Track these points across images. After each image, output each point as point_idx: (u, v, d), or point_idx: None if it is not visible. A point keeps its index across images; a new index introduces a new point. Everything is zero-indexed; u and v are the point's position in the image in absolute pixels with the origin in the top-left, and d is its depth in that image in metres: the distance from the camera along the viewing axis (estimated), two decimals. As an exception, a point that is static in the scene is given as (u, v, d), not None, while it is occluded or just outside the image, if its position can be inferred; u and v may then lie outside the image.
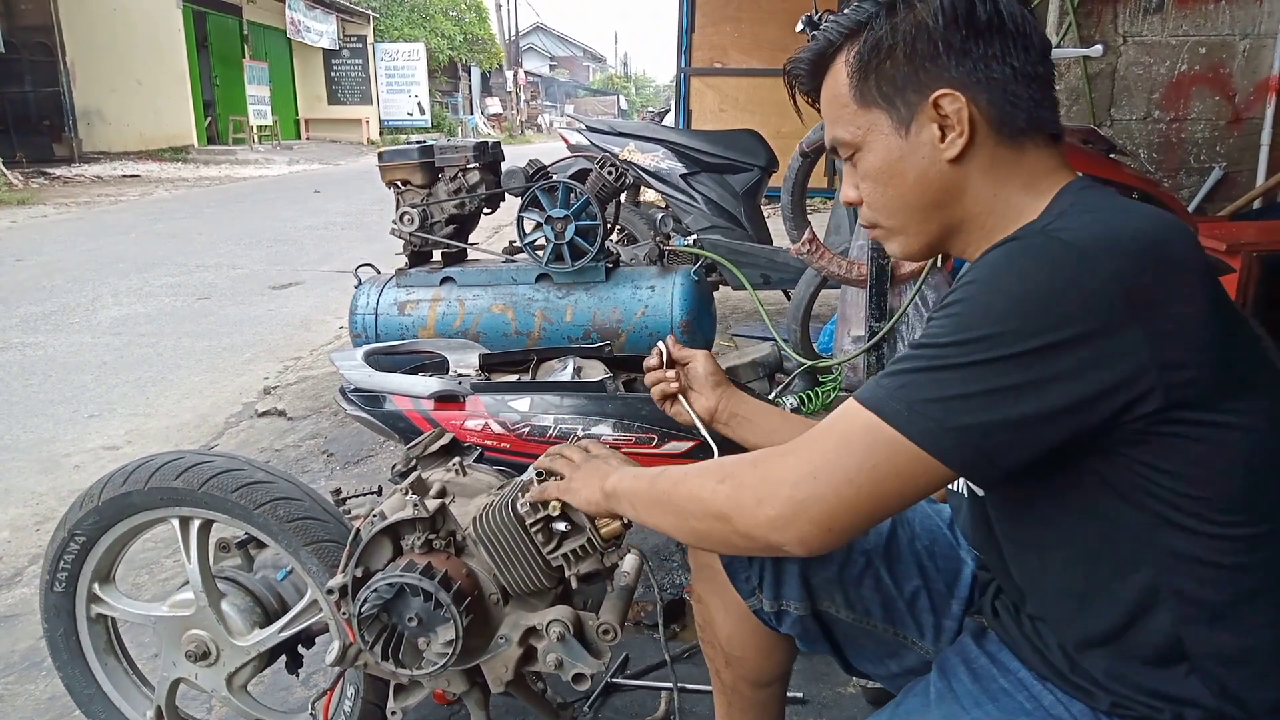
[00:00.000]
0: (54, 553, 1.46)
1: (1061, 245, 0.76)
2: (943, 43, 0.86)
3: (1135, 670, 0.84)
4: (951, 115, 0.86)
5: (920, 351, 0.79)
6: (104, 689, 1.55)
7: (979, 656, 0.97)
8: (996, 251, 0.80)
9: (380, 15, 25.31)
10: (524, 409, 1.82)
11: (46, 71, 14.15)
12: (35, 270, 6.23)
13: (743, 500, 0.84)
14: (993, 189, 0.88)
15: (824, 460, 0.80)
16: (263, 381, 3.90)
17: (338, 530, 1.38)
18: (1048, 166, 0.89)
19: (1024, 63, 0.86)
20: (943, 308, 0.81)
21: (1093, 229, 0.77)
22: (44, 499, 2.75)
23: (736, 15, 7.58)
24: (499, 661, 1.23)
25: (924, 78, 0.87)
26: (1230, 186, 4.05)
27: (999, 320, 0.75)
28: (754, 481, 0.84)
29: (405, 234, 2.94)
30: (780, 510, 0.81)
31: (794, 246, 2.86)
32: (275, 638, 1.42)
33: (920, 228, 0.93)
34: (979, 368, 0.75)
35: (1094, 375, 0.74)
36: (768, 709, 1.27)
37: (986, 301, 0.77)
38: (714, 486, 0.87)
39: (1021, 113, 0.87)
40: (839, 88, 0.92)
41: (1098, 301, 0.74)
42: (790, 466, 0.82)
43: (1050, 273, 0.75)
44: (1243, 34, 3.90)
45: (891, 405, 0.78)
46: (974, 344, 0.76)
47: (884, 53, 0.88)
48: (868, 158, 0.92)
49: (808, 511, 0.80)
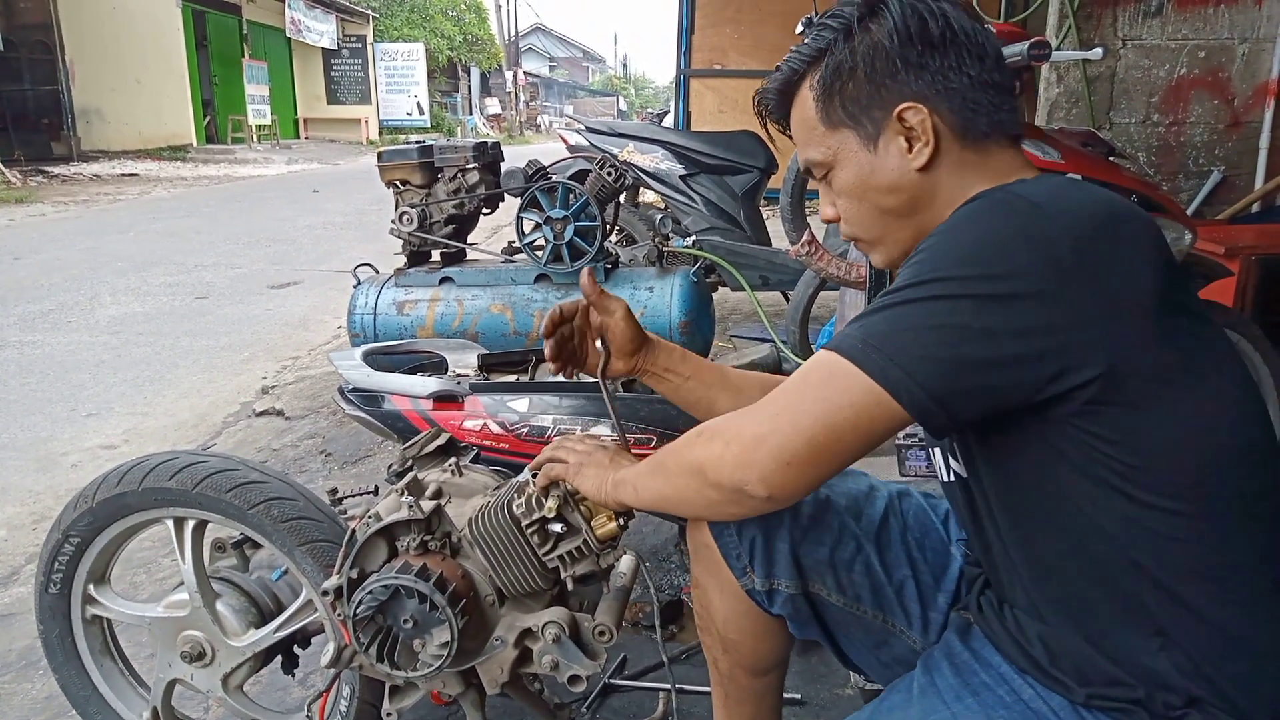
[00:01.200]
0: (49, 554, 1.45)
1: (1020, 199, 0.81)
2: (900, 60, 0.91)
3: (1109, 651, 0.85)
4: (916, 126, 0.91)
5: (883, 298, 0.84)
6: (100, 690, 1.54)
7: (962, 652, 0.99)
8: (956, 212, 0.85)
9: (380, 15, 25.31)
10: (522, 409, 1.82)
11: (45, 70, 14.14)
12: (33, 269, 6.22)
13: (713, 448, 0.89)
14: (961, 192, 0.91)
15: (784, 400, 0.85)
16: (261, 381, 3.90)
17: (332, 530, 1.37)
18: (1010, 168, 0.93)
19: (979, 71, 0.91)
20: (908, 261, 0.85)
21: (1051, 193, 0.82)
22: (41, 498, 2.74)
23: (736, 17, 7.59)
24: (494, 663, 1.22)
25: (886, 94, 0.92)
26: (1229, 190, 4.05)
27: (955, 264, 0.80)
28: (724, 429, 0.89)
29: (404, 234, 2.94)
30: (742, 449, 0.86)
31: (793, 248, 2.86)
32: (270, 638, 1.41)
33: (898, 235, 0.97)
34: (932, 303, 0.79)
35: (1041, 331, 0.77)
36: (765, 701, 1.27)
37: (944, 249, 0.82)
38: (695, 442, 0.93)
39: (982, 118, 0.91)
40: (807, 112, 0.98)
41: (1050, 255, 0.77)
42: (755, 411, 0.87)
43: (1006, 222, 0.80)
44: (1242, 38, 3.90)
45: (848, 342, 0.82)
46: (929, 284, 0.80)
47: (845, 75, 0.93)
48: (841, 175, 0.97)
49: (765, 445, 0.84)
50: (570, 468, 1.11)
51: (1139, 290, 0.78)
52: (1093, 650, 0.87)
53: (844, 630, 1.16)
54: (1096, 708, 0.86)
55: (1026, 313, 0.77)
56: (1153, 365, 0.78)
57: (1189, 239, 2.23)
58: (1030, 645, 0.92)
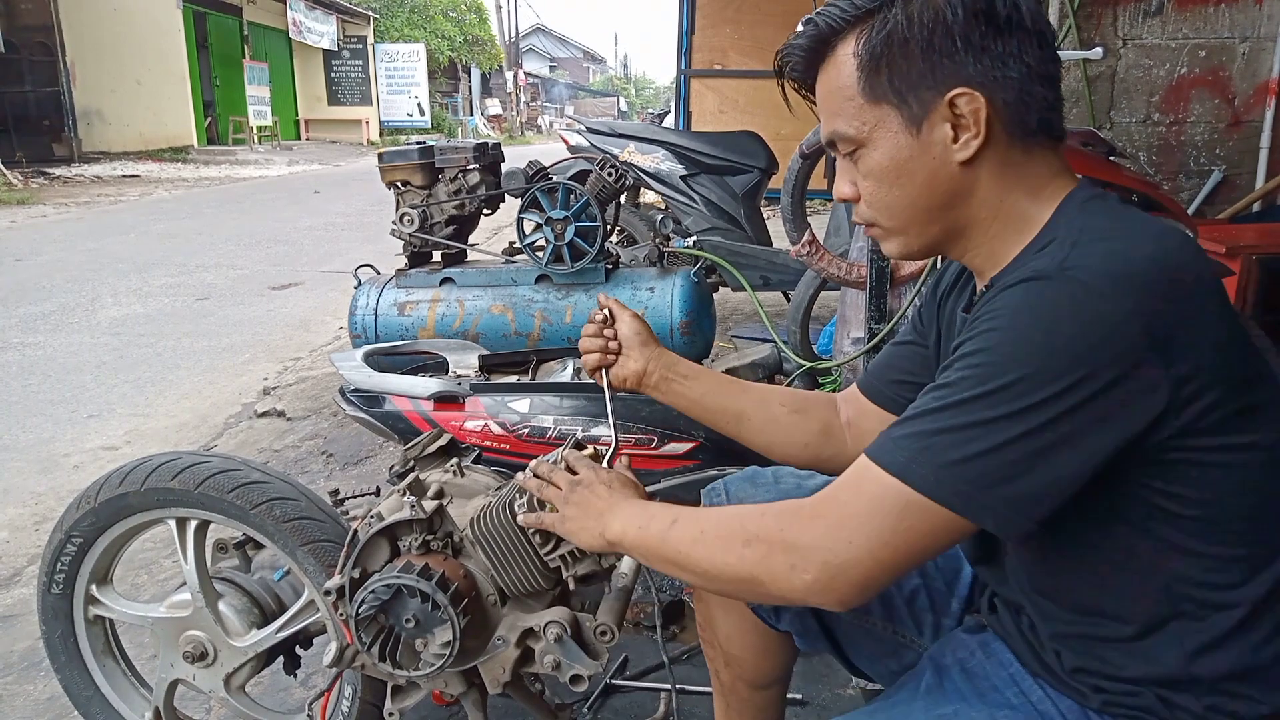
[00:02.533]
0: (51, 555, 1.45)
1: (1080, 287, 0.74)
2: (961, 38, 0.82)
3: (1128, 665, 0.84)
4: (968, 115, 0.83)
5: (941, 405, 0.77)
6: (102, 691, 1.54)
7: (973, 652, 0.98)
8: (1013, 295, 0.77)
9: (380, 16, 25.31)
10: (523, 410, 1.82)
11: (46, 71, 14.15)
12: (34, 270, 6.23)
13: (774, 567, 0.82)
14: (1000, 193, 0.86)
15: (857, 526, 0.79)
16: (262, 382, 3.90)
17: (334, 530, 1.37)
18: (1051, 171, 0.87)
19: (1038, 61, 0.83)
20: (960, 354, 0.79)
21: (1108, 264, 0.75)
22: (43, 499, 2.75)
23: (736, 17, 7.59)
24: (496, 663, 1.22)
25: (940, 75, 0.83)
26: (1230, 189, 4.05)
27: (1019, 368, 0.74)
28: (783, 548, 0.82)
29: (405, 235, 2.94)
30: (817, 576, 0.80)
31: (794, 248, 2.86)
32: (272, 638, 1.41)
33: (923, 229, 0.90)
34: (1004, 422, 0.74)
35: (1118, 416, 0.74)
36: (766, 713, 1.26)
37: (1007, 350, 0.75)
38: (740, 551, 0.85)
39: (1034, 114, 0.84)
40: (843, 79, 0.87)
41: (1119, 342, 0.73)
42: (821, 533, 0.81)
43: (1070, 317, 0.73)
44: (1242, 37, 3.90)
45: (919, 471, 0.76)
46: (995, 395, 0.74)
47: (898, 45, 0.83)
48: (873, 155, 0.88)
49: (845, 575, 0.79)
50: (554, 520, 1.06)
51: (1210, 342, 0.76)
52: (1111, 663, 0.85)
53: (852, 642, 1.16)
54: (1109, 713, 0.85)
55: (1102, 398, 0.73)
56: (1226, 414, 0.76)
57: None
58: (1043, 650, 0.91)
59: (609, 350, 1.24)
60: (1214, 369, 0.75)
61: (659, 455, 1.79)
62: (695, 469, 1.78)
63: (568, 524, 1.04)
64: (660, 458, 1.79)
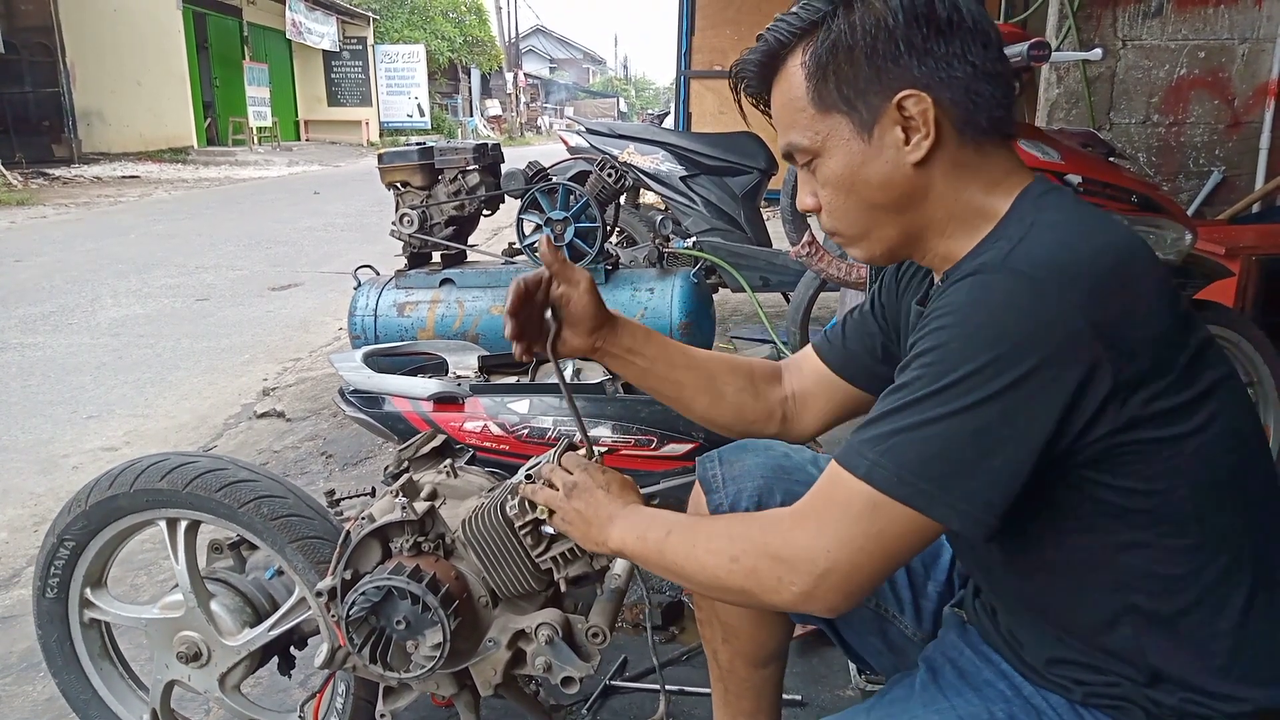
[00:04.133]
0: (45, 558, 1.45)
1: (1024, 279, 0.76)
2: (904, 42, 0.84)
3: (1103, 659, 0.87)
4: (916, 116, 0.84)
5: (899, 405, 0.79)
6: (100, 694, 1.54)
7: (964, 649, 1.01)
8: (960, 290, 0.79)
9: (380, 17, 25.33)
10: (523, 411, 1.82)
11: (46, 72, 14.16)
12: (34, 271, 6.23)
13: (764, 579, 0.85)
14: (954, 192, 0.87)
15: (833, 534, 0.81)
16: (262, 383, 3.90)
17: (323, 527, 1.37)
18: (1006, 168, 0.89)
19: (983, 60, 0.85)
20: (914, 353, 0.80)
21: (1055, 256, 0.77)
22: (42, 500, 2.75)
23: (736, 18, 7.59)
24: (488, 664, 1.22)
25: (886, 79, 0.84)
26: (1229, 190, 4.05)
27: (968, 362, 0.76)
28: (770, 560, 0.84)
29: (405, 235, 2.94)
30: (804, 586, 0.82)
31: (793, 249, 2.86)
32: (264, 637, 1.41)
33: (882, 233, 0.91)
34: (958, 418, 0.76)
35: (1064, 404, 0.75)
36: (764, 695, 1.27)
37: (956, 346, 0.77)
38: (729, 565, 0.87)
39: (983, 112, 0.85)
40: (794, 91, 0.89)
41: (1063, 334, 0.74)
42: (803, 543, 0.83)
43: (1016, 309, 0.75)
44: (1242, 38, 3.90)
45: (882, 474, 0.78)
46: (946, 391, 0.76)
47: (843, 54, 0.85)
48: (828, 164, 0.90)
49: (829, 583, 0.82)
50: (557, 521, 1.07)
51: (1155, 335, 0.77)
52: (1088, 659, 0.88)
53: (843, 616, 1.18)
54: (1094, 705, 0.88)
55: (1049, 388, 0.75)
56: (1172, 406, 0.78)
57: (1189, 239, 2.23)
58: (1023, 650, 0.94)
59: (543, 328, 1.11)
60: (1160, 360, 0.77)
61: (658, 456, 1.79)
62: (694, 470, 1.78)
63: (568, 529, 1.06)
64: (659, 458, 1.79)
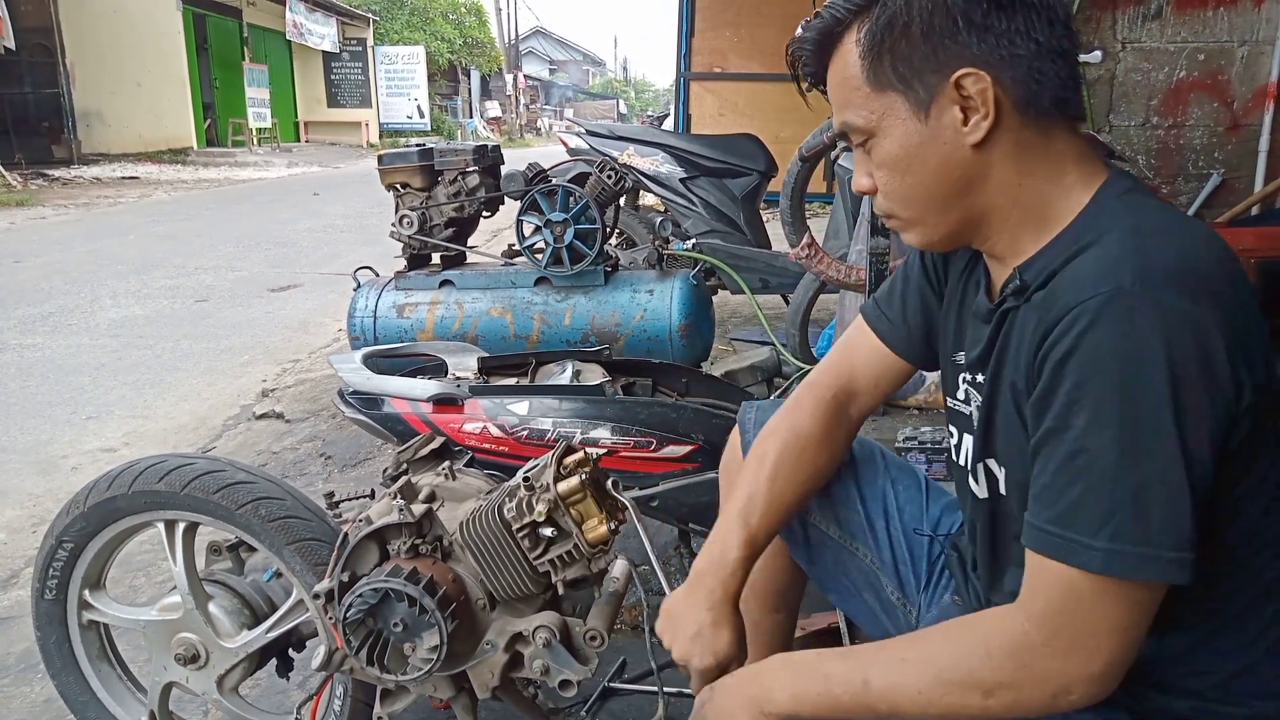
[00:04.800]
0: (43, 560, 1.45)
1: (1170, 310, 0.72)
2: (963, 18, 0.80)
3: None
4: (975, 96, 0.81)
5: (1095, 476, 0.74)
6: (98, 695, 1.54)
7: None
8: (1102, 326, 0.73)
9: (380, 18, 25.33)
10: (522, 412, 1.81)
11: (46, 73, 14.17)
12: (33, 272, 6.23)
13: (1033, 703, 0.79)
14: (1018, 177, 0.84)
15: (1100, 639, 0.76)
16: (261, 384, 3.90)
17: (321, 529, 1.37)
18: (1074, 154, 0.85)
19: (1048, 37, 0.81)
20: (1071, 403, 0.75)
21: (1185, 268, 0.74)
22: (41, 501, 2.74)
23: (736, 20, 7.60)
24: (485, 667, 1.22)
25: (944, 57, 0.81)
26: (1228, 192, 4.05)
27: (1141, 406, 0.72)
28: (1034, 685, 0.78)
29: (404, 237, 2.94)
30: (1084, 692, 0.77)
31: (793, 251, 2.86)
32: (263, 639, 1.41)
33: (940, 218, 0.88)
34: (1161, 471, 0.72)
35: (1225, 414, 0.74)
36: (773, 647, 1.28)
37: (1123, 394, 0.72)
38: (982, 703, 0.80)
39: (1047, 92, 0.82)
40: (849, 69, 0.86)
41: (1215, 352, 0.72)
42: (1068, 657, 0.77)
43: (1168, 339, 0.71)
44: (1241, 41, 3.90)
45: (1123, 559, 0.73)
46: (1136, 443, 0.72)
47: (899, 31, 0.82)
48: (884, 144, 0.87)
49: (1108, 676, 0.77)
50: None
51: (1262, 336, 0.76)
52: None
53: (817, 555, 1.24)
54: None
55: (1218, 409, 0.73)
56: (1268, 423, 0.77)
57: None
58: None
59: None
60: (1269, 360, 0.76)
61: (657, 458, 1.79)
62: (694, 471, 1.78)
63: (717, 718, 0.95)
64: (659, 460, 1.79)
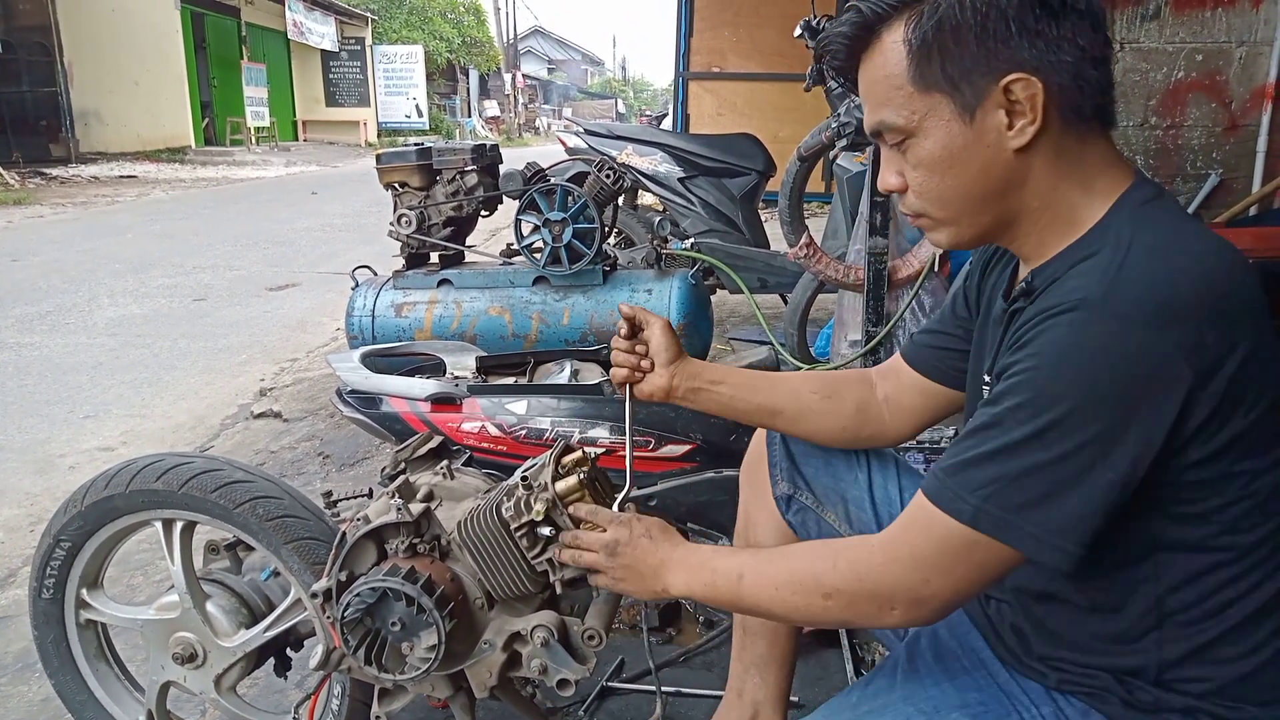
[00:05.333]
0: (41, 559, 1.45)
1: (1123, 322, 0.74)
2: (1016, 22, 0.80)
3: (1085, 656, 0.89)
4: (1024, 101, 0.81)
5: (996, 447, 0.79)
6: (96, 695, 1.53)
7: (947, 638, 1.03)
8: (1057, 329, 0.77)
9: (379, 17, 25.31)
10: (521, 411, 1.81)
11: (44, 72, 14.15)
12: (31, 270, 6.22)
13: (862, 612, 0.88)
14: (1053, 181, 0.85)
15: (932, 568, 0.83)
16: (259, 383, 3.89)
17: (319, 528, 1.37)
18: (1104, 161, 0.86)
19: (1091, 43, 0.81)
20: (1005, 387, 0.80)
21: (1153, 292, 0.75)
22: (38, 500, 2.74)
23: (735, 20, 7.60)
24: (483, 666, 1.22)
25: (995, 60, 0.80)
26: (1226, 193, 4.05)
27: (1067, 404, 0.75)
28: (866, 596, 0.87)
29: (403, 236, 2.94)
30: (905, 612, 0.86)
31: (791, 250, 2.86)
32: (260, 638, 1.41)
33: (975, 219, 0.88)
34: (1061, 464, 0.76)
35: (1160, 442, 0.76)
36: (778, 643, 1.30)
37: (1053, 388, 0.76)
38: (822, 603, 0.90)
39: (1089, 99, 0.82)
40: (891, 67, 0.85)
41: (1163, 377, 0.74)
42: (899, 575, 0.85)
43: (1115, 354, 0.74)
44: (1239, 41, 3.90)
45: (987, 519, 0.79)
46: (1048, 435, 0.76)
47: (950, 32, 0.81)
48: (924, 145, 0.85)
49: (930, 606, 0.85)
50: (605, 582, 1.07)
51: (1246, 370, 0.76)
52: (1068, 652, 0.89)
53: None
54: (1069, 691, 0.89)
55: (1148, 424, 0.75)
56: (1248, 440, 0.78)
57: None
58: (1005, 634, 0.96)
59: (639, 367, 1.22)
60: (1254, 391, 0.76)
61: (656, 457, 1.79)
62: (693, 471, 1.78)
63: (619, 585, 1.06)
64: (657, 459, 1.79)
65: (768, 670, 1.29)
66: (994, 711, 0.92)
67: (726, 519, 1.64)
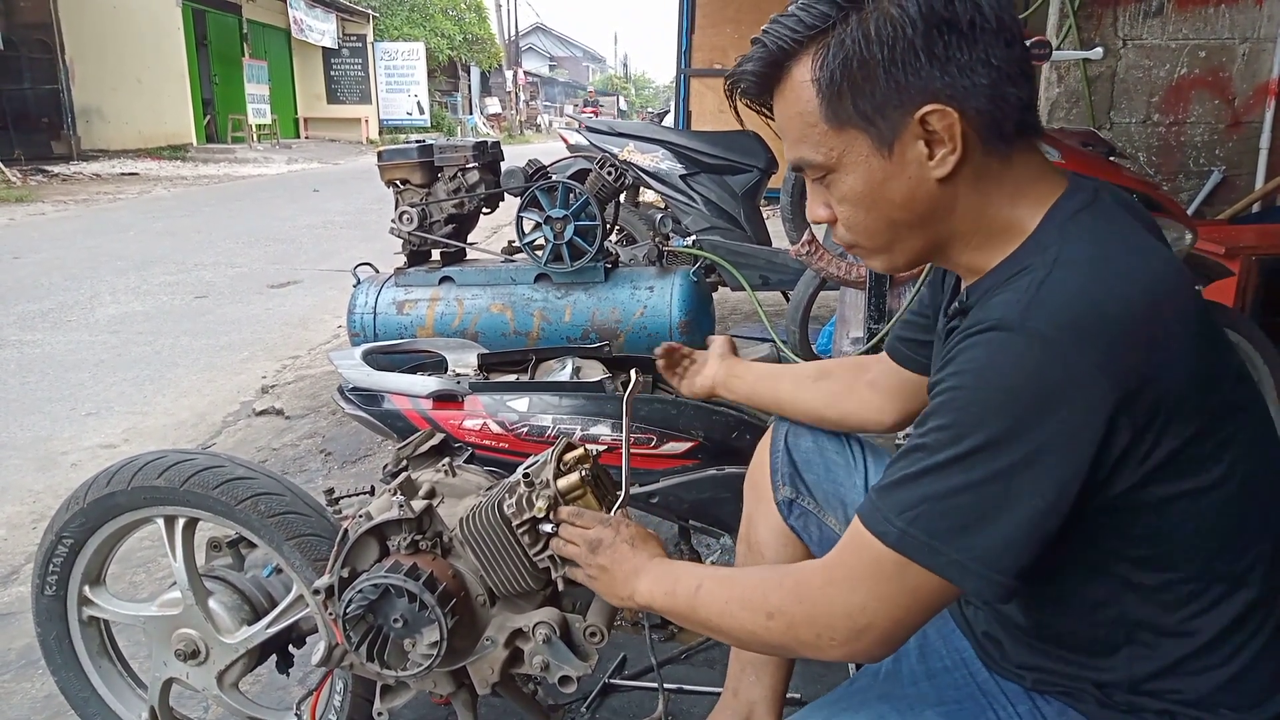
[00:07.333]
0: (43, 556, 1.45)
1: (1042, 342, 0.72)
2: (924, 51, 0.77)
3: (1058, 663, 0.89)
4: (941, 131, 0.79)
5: (921, 469, 0.77)
6: (99, 691, 1.54)
7: (933, 636, 1.04)
8: (979, 349, 0.76)
9: (380, 14, 25.30)
10: (522, 409, 1.81)
11: (45, 69, 14.15)
12: (33, 268, 6.22)
13: (802, 638, 0.85)
14: (980, 203, 0.83)
15: (866, 592, 0.80)
16: (260, 380, 3.89)
17: (320, 524, 1.37)
18: (1033, 174, 0.84)
19: (1006, 60, 0.78)
20: (932, 409, 0.78)
21: (1074, 309, 0.73)
22: (41, 497, 2.74)
23: (736, 17, 7.59)
24: (485, 663, 1.22)
25: (907, 93, 0.78)
26: (1229, 190, 4.05)
27: (988, 427, 0.73)
28: (805, 620, 0.84)
29: (404, 233, 2.94)
30: (843, 643, 0.82)
31: (793, 248, 2.86)
32: (262, 634, 1.41)
33: (905, 246, 0.87)
34: (984, 487, 0.74)
35: (1085, 465, 0.73)
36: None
37: (974, 411, 0.74)
38: (765, 623, 0.87)
39: (1010, 118, 0.80)
40: (803, 105, 0.82)
41: (1083, 397, 0.72)
42: (837, 601, 0.82)
43: (1032, 374, 0.72)
44: (1242, 38, 3.90)
45: (913, 544, 0.76)
46: (971, 458, 0.74)
47: (858, 68, 0.78)
48: (846, 180, 0.84)
49: (867, 638, 0.81)
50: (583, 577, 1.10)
51: (1175, 388, 0.74)
52: (1044, 660, 0.90)
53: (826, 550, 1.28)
54: (1045, 691, 0.90)
55: (1072, 447, 0.72)
56: (1185, 458, 0.75)
57: (1189, 239, 2.23)
58: (980, 639, 0.98)
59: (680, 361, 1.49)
60: (1186, 409, 0.74)
61: (658, 455, 1.79)
62: (694, 468, 1.77)
63: (593, 583, 1.08)
64: (659, 457, 1.79)
65: (763, 670, 1.30)
66: (969, 710, 0.92)
67: (728, 516, 1.64)
